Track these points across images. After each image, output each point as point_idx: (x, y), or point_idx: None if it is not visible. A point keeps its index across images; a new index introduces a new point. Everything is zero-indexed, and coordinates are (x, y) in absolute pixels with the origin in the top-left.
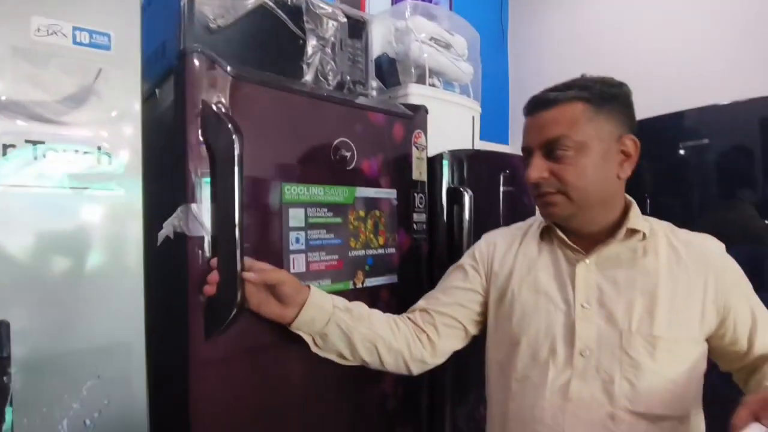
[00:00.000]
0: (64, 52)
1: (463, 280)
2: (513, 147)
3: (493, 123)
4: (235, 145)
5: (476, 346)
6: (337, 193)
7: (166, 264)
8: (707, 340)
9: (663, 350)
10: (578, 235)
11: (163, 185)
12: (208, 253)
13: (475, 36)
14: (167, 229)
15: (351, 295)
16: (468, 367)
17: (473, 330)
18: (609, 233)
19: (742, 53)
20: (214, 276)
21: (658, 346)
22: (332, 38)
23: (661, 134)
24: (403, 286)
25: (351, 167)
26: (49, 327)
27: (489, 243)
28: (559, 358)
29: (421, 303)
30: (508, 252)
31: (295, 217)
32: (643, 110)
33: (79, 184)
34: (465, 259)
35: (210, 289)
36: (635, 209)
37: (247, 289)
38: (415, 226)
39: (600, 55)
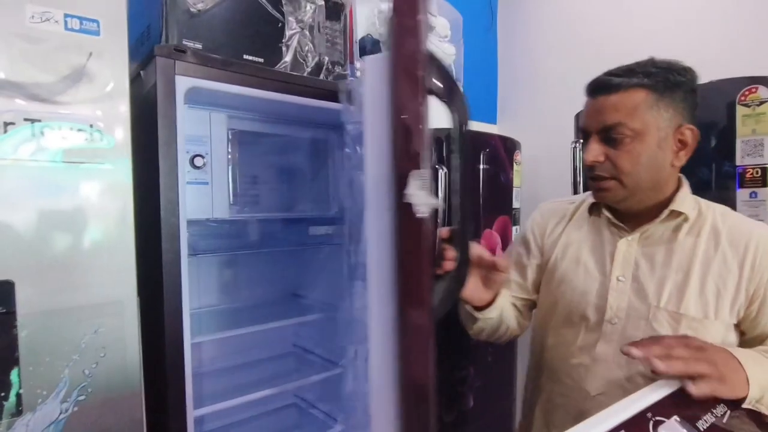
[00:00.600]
0: (57, 37)
1: (528, 256)
2: (501, 126)
3: (481, 103)
4: (468, 111)
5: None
6: None
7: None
8: (738, 327)
9: (686, 328)
10: (624, 214)
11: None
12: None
13: (458, 17)
14: (426, 199)
15: None
16: (443, 334)
17: (535, 297)
18: (655, 213)
19: (735, 34)
20: (451, 251)
21: (682, 323)
22: (310, 21)
23: None
24: None
25: None
26: (50, 287)
27: (543, 215)
28: (590, 323)
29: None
30: (559, 224)
31: None
32: None
33: (73, 159)
34: (528, 234)
35: (450, 265)
36: (683, 191)
37: None
38: None
39: (589, 37)
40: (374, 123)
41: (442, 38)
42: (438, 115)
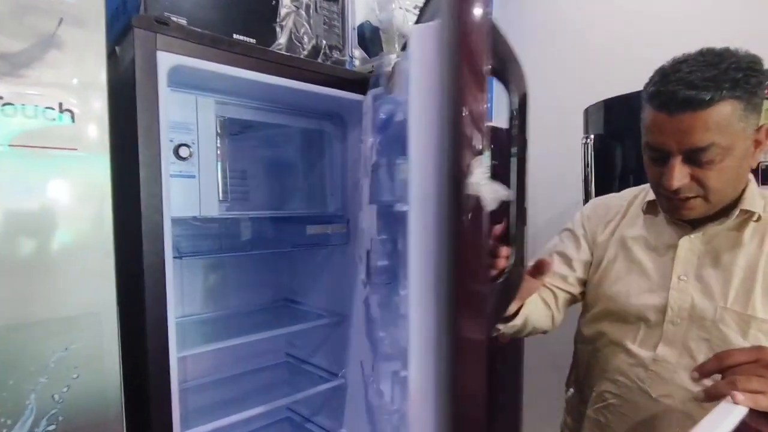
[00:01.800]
0: None
1: (577, 250)
2: (494, 122)
3: None
4: (527, 87)
5: None
6: None
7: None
8: None
9: (756, 329)
10: None
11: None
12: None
13: None
14: (498, 192)
15: None
16: None
17: (580, 297)
18: (723, 212)
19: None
20: (506, 249)
21: (752, 325)
22: (306, 0)
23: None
24: None
25: None
26: (11, 298)
27: (596, 212)
28: (650, 323)
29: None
30: (611, 222)
31: None
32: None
33: (38, 144)
34: (576, 227)
35: (503, 263)
36: (752, 187)
37: None
38: None
39: (584, 38)
40: (425, 105)
41: None
42: None
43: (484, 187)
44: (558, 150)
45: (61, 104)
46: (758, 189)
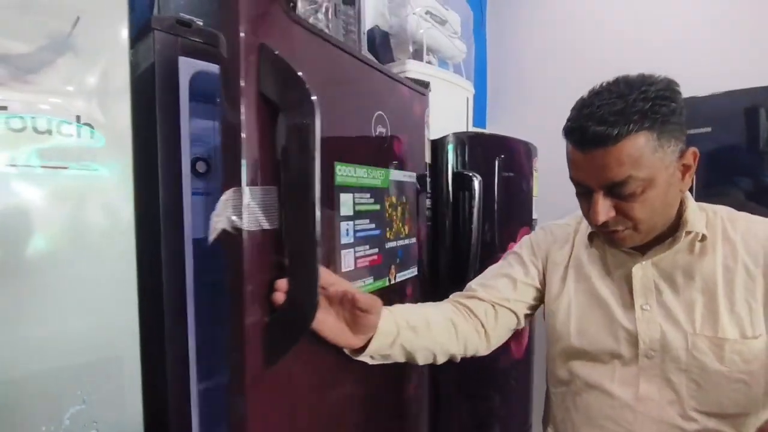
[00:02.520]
0: None
1: (525, 274)
2: (491, 129)
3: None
4: (316, 110)
5: None
6: (377, 176)
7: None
8: None
9: (730, 352)
10: None
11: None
12: (270, 252)
13: (468, 13)
14: (222, 221)
15: (385, 293)
16: (471, 365)
17: (524, 324)
18: (666, 234)
19: (727, 44)
20: (282, 282)
21: (725, 348)
22: (325, 1)
23: None
24: (421, 279)
25: (385, 146)
26: (20, 341)
27: (546, 239)
28: (625, 359)
29: (482, 293)
30: (562, 250)
31: (346, 203)
32: None
33: (53, 162)
34: (524, 251)
35: (280, 297)
36: (691, 206)
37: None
38: (426, 212)
39: (581, 41)
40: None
41: (453, 34)
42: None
43: (222, 218)
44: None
45: (79, 117)
46: (696, 205)
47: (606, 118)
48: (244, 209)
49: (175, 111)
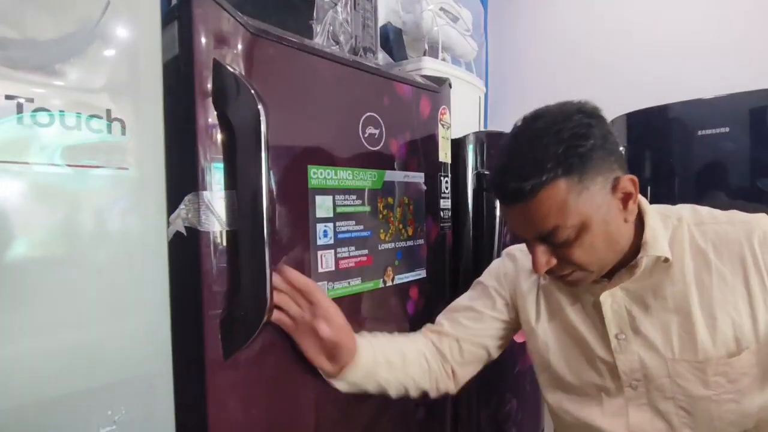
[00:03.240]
0: None
1: (491, 308)
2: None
3: None
4: (261, 118)
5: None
6: (366, 177)
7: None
8: None
9: (714, 375)
10: None
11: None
12: (224, 252)
13: (479, 10)
14: (176, 223)
15: (380, 295)
16: (491, 369)
17: (496, 355)
18: (628, 258)
19: (730, 46)
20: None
21: (708, 371)
22: None
23: (675, 122)
24: (431, 282)
25: (379, 147)
26: (42, 361)
27: (512, 267)
28: (610, 392)
29: (447, 327)
30: (529, 279)
31: (323, 205)
32: (626, 102)
33: (80, 161)
34: (490, 282)
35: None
36: (650, 226)
37: (290, 310)
38: (441, 213)
39: (583, 42)
40: None
41: (466, 32)
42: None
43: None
44: None
45: (109, 111)
46: (658, 217)
47: (520, 171)
48: (202, 211)
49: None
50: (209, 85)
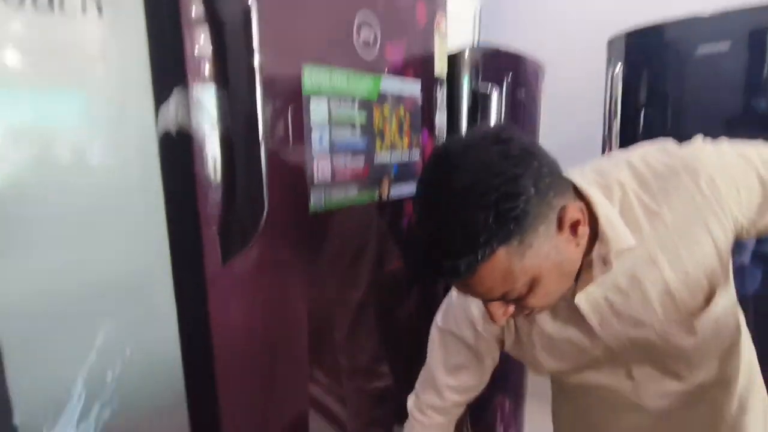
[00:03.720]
0: None
1: (475, 338)
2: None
3: None
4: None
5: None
6: (361, 83)
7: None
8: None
9: (699, 323)
10: None
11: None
12: (218, 155)
13: None
14: (165, 120)
15: (375, 209)
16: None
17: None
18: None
19: None
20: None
21: (695, 324)
22: None
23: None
24: None
25: (375, 52)
26: (47, 261)
27: (468, 302)
28: (606, 358)
29: (436, 401)
30: None
31: (317, 110)
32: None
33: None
34: (465, 331)
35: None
36: (604, 223)
37: None
38: (436, 130)
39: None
40: None
41: None
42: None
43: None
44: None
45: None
46: (601, 195)
47: (449, 247)
48: (192, 107)
49: None
50: None
